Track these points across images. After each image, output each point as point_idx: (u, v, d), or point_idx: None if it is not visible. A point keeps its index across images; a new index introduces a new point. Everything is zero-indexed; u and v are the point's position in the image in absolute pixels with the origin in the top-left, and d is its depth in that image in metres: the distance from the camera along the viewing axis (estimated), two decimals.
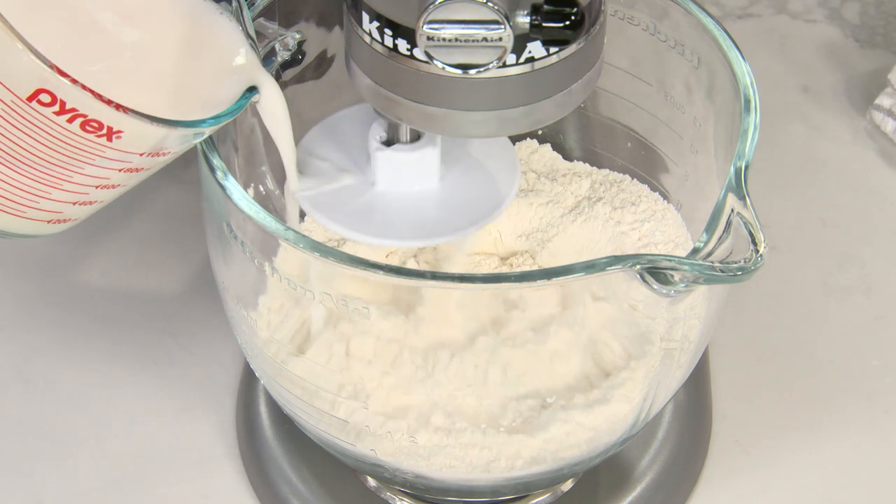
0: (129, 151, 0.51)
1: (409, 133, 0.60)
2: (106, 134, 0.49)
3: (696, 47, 0.62)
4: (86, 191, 0.52)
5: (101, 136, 0.49)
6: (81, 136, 0.49)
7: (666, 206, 0.69)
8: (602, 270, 0.52)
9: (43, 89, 0.48)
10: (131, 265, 0.80)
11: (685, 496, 0.70)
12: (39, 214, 0.53)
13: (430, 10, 0.51)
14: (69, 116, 0.49)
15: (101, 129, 0.49)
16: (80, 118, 0.49)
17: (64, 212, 0.53)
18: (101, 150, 0.50)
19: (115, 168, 0.51)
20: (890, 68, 0.86)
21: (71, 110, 0.48)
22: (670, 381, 0.62)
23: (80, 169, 0.51)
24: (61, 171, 0.51)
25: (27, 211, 0.52)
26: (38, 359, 0.76)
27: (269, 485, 0.69)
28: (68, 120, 0.49)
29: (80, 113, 0.49)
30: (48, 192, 0.52)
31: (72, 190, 0.52)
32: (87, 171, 0.51)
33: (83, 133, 0.49)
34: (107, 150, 0.50)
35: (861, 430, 0.72)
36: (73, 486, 0.70)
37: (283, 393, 0.62)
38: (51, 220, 0.53)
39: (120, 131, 0.49)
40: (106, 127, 0.49)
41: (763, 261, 0.52)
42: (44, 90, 0.48)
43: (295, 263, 0.56)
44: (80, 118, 0.49)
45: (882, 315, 0.77)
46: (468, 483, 0.62)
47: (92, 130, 0.49)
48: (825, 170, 0.85)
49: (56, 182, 0.51)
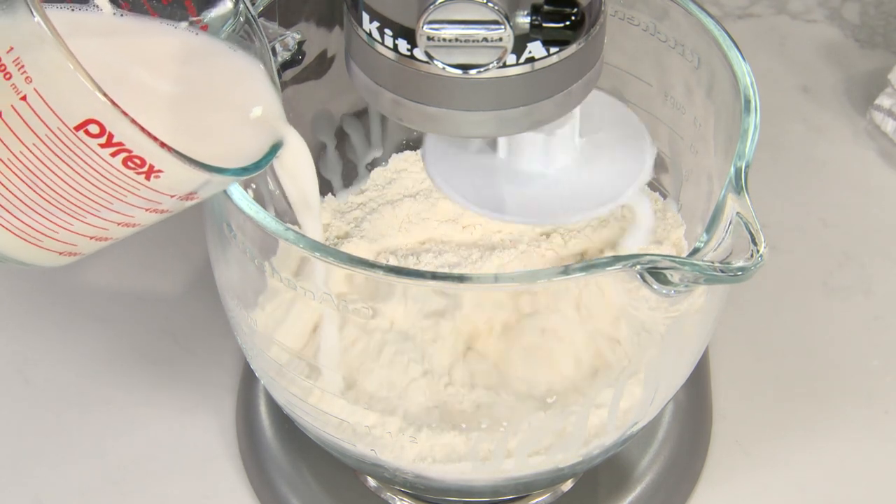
0: (162, 192, 0.51)
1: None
2: (146, 172, 0.49)
3: (696, 47, 0.62)
4: (107, 227, 0.52)
5: (140, 174, 0.49)
6: (121, 171, 0.49)
7: (666, 206, 0.69)
8: (602, 270, 0.52)
9: (93, 120, 0.48)
10: (131, 265, 0.80)
11: (685, 496, 0.70)
12: (55, 245, 0.53)
13: (431, 10, 0.51)
14: (114, 150, 0.48)
15: (143, 166, 0.49)
16: (124, 153, 0.49)
17: (78, 245, 0.53)
18: (137, 189, 0.50)
19: (143, 207, 0.51)
20: (890, 68, 0.86)
21: (117, 144, 0.48)
22: (670, 381, 0.62)
23: (110, 204, 0.51)
24: (90, 205, 0.51)
25: (44, 240, 0.52)
26: (38, 359, 0.76)
27: (269, 485, 0.69)
28: (112, 154, 0.49)
29: (125, 148, 0.48)
30: (71, 223, 0.51)
31: (95, 224, 0.52)
32: (115, 206, 0.51)
33: (124, 169, 0.49)
34: (141, 189, 0.50)
35: (861, 430, 0.72)
36: (73, 486, 0.70)
37: (283, 393, 0.62)
38: (63, 252, 0.53)
39: (160, 171, 0.49)
40: (148, 165, 0.49)
41: (763, 261, 0.52)
42: (94, 121, 0.48)
43: (294, 263, 0.56)
44: (125, 153, 0.49)
45: (882, 315, 0.77)
46: (468, 483, 0.62)
47: (133, 167, 0.49)
48: (825, 170, 0.85)
49: (82, 215, 0.51)
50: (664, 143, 0.67)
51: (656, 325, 0.59)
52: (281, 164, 0.56)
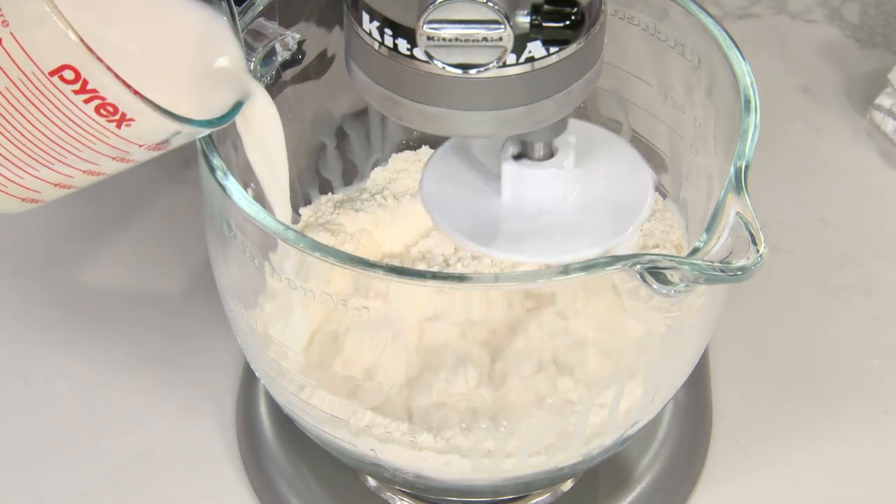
0: (131, 141, 0.51)
1: (543, 150, 0.60)
2: (118, 120, 0.50)
3: (696, 47, 0.62)
4: (73, 174, 0.52)
5: (111, 122, 0.50)
6: (93, 118, 0.49)
7: (666, 206, 0.69)
8: (602, 270, 0.52)
9: (69, 65, 0.48)
10: (131, 265, 0.80)
11: (685, 496, 0.70)
12: (19, 191, 0.53)
13: (431, 9, 0.51)
14: (87, 97, 0.49)
15: (115, 114, 0.49)
16: (97, 100, 0.49)
17: (42, 192, 0.53)
18: (106, 136, 0.50)
19: (110, 156, 0.51)
20: (890, 68, 0.86)
21: (91, 91, 0.49)
22: (670, 381, 0.62)
23: (79, 152, 0.51)
24: (59, 151, 0.51)
25: (9, 186, 0.52)
26: (39, 359, 0.75)
27: (269, 485, 0.69)
28: (85, 100, 0.49)
29: (99, 95, 0.49)
30: (37, 170, 0.52)
31: (61, 171, 0.52)
32: (84, 154, 0.51)
33: (96, 116, 0.49)
34: (111, 137, 0.50)
35: (861, 430, 0.72)
36: (73, 486, 0.70)
37: (282, 393, 0.62)
38: (25, 198, 0.53)
39: (132, 119, 0.50)
40: (120, 113, 0.49)
41: (763, 261, 0.52)
42: (69, 67, 0.48)
43: (294, 263, 0.56)
44: (98, 100, 0.49)
45: (882, 315, 0.77)
46: (468, 483, 0.62)
47: (105, 115, 0.49)
48: (825, 170, 0.85)
49: (49, 161, 0.51)
50: (664, 143, 0.67)
51: (656, 325, 0.59)
52: (245, 120, 0.56)
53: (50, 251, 0.80)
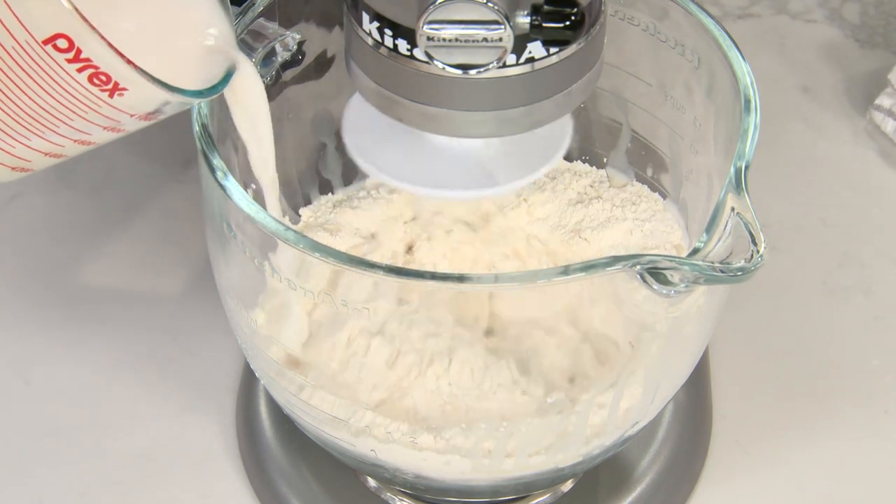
0: (122, 111, 0.51)
1: None
2: (111, 90, 0.49)
3: (696, 47, 0.62)
4: (63, 143, 0.52)
5: (104, 91, 0.50)
6: (86, 88, 0.49)
7: (666, 206, 0.69)
8: (602, 270, 0.52)
9: (62, 34, 0.48)
10: (131, 265, 0.80)
11: (685, 496, 0.70)
12: (9, 160, 0.53)
13: (431, 10, 0.51)
14: (80, 66, 0.49)
15: (108, 83, 0.49)
16: (90, 69, 0.49)
17: (32, 161, 0.53)
18: (98, 106, 0.50)
19: (101, 125, 0.51)
20: (890, 68, 0.86)
21: (84, 60, 0.48)
22: (670, 381, 0.63)
23: (70, 121, 0.51)
24: (51, 120, 0.51)
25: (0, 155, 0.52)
26: (39, 359, 0.76)
27: (269, 485, 0.69)
28: (78, 69, 0.49)
29: (92, 64, 0.49)
30: (29, 138, 0.51)
31: (52, 140, 0.52)
32: (76, 123, 0.51)
33: (88, 85, 0.49)
34: (103, 107, 0.50)
35: (861, 430, 0.72)
36: (73, 486, 0.70)
37: (282, 393, 0.62)
38: (15, 167, 0.53)
39: (125, 89, 0.50)
40: (113, 82, 0.49)
41: (763, 261, 0.52)
42: (63, 35, 0.48)
43: (294, 263, 0.56)
44: (91, 69, 0.49)
45: (882, 315, 0.77)
46: (468, 483, 0.62)
47: (98, 84, 0.49)
48: (825, 170, 0.85)
49: (41, 130, 0.51)
50: (664, 143, 0.67)
51: (656, 326, 0.59)
52: (233, 92, 0.56)
53: (50, 251, 0.80)
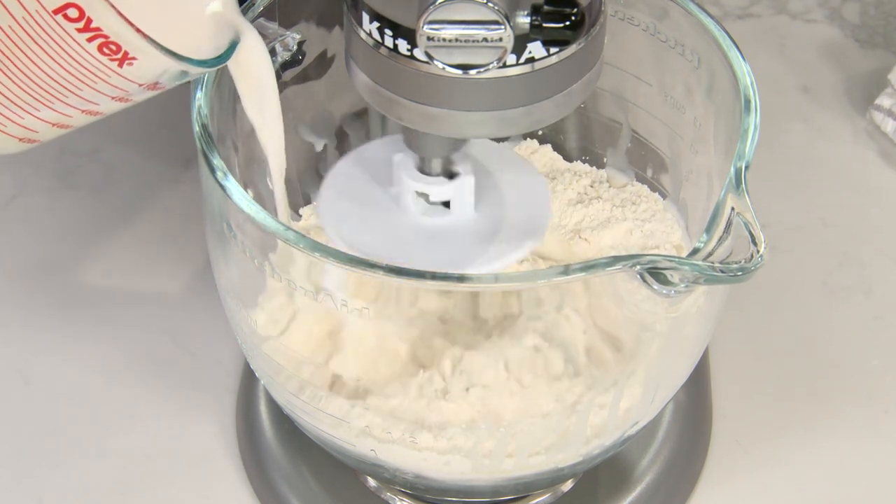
0: (131, 80, 0.51)
1: (441, 165, 0.60)
2: (120, 59, 0.50)
3: (696, 47, 0.62)
4: (71, 114, 0.52)
5: (114, 61, 0.50)
6: (95, 57, 0.49)
7: (666, 206, 0.69)
8: (602, 270, 0.52)
9: (73, 4, 0.48)
10: (131, 265, 0.80)
11: (685, 496, 0.70)
12: (18, 131, 0.53)
13: (431, 10, 0.51)
14: (91, 35, 0.49)
15: (118, 53, 0.49)
16: (100, 39, 0.49)
17: (40, 132, 0.53)
18: (108, 76, 0.50)
19: (109, 95, 0.52)
20: (890, 68, 0.86)
21: (95, 30, 0.48)
22: (670, 381, 0.62)
23: (80, 91, 0.51)
24: (61, 91, 0.51)
25: (8, 126, 0.52)
26: (38, 359, 0.76)
27: (269, 485, 0.69)
28: (88, 39, 0.49)
29: (103, 34, 0.49)
30: (38, 109, 0.52)
31: (60, 111, 0.52)
32: (84, 93, 0.51)
33: (98, 55, 0.49)
34: (112, 76, 0.50)
35: (861, 430, 0.72)
36: (73, 486, 0.70)
37: (282, 393, 0.62)
38: (23, 138, 0.53)
39: (134, 58, 0.50)
40: (123, 52, 0.49)
41: (763, 261, 0.52)
42: (73, 5, 0.48)
43: (294, 262, 0.56)
44: (101, 39, 0.49)
45: (882, 315, 0.77)
46: (468, 483, 0.62)
47: (108, 53, 0.49)
48: (825, 170, 0.85)
49: (50, 100, 0.51)
50: (664, 143, 0.67)
51: (656, 325, 0.59)
52: (238, 63, 0.56)
53: (50, 251, 0.80)
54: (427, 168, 0.61)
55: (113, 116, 0.55)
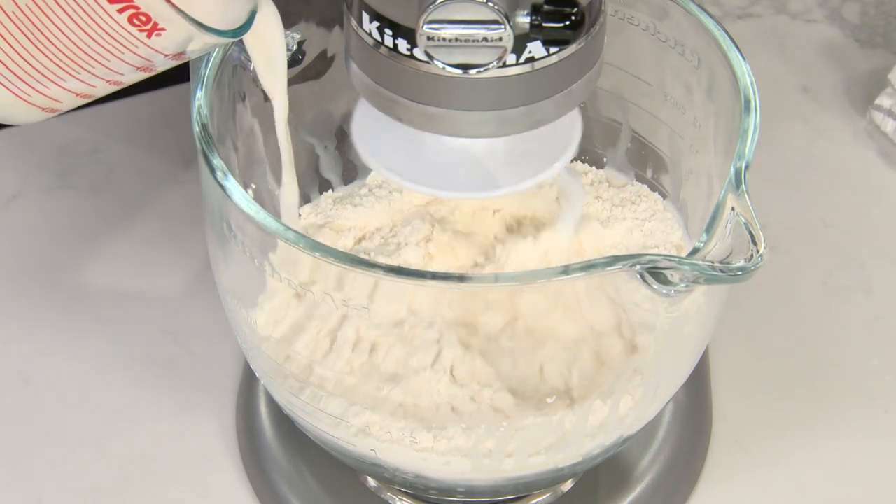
0: (157, 51, 0.51)
1: None
2: (149, 30, 0.50)
3: (696, 47, 0.62)
4: (96, 83, 0.53)
5: (142, 32, 0.50)
6: (125, 28, 0.50)
7: (666, 206, 0.69)
8: (602, 270, 0.52)
9: None
10: (131, 265, 0.80)
11: (685, 496, 0.70)
12: (42, 100, 0.53)
13: (431, 10, 0.51)
14: (122, 6, 0.49)
15: (147, 23, 0.50)
16: (131, 10, 0.49)
17: (63, 101, 0.54)
18: (136, 46, 0.51)
19: (135, 65, 0.52)
20: (890, 68, 0.86)
21: (126, 1, 0.49)
22: (670, 381, 0.62)
23: (107, 61, 0.51)
24: (88, 61, 0.51)
25: (33, 95, 0.53)
26: (38, 359, 0.75)
27: (269, 485, 0.69)
28: (119, 10, 0.49)
29: (133, 4, 0.49)
30: (64, 79, 0.52)
31: (86, 81, 0.52)
32: (111, 64, 0.52)
33: (128, 26, 0.50)
34: (140, 47, 0.51)
35: (861, 430, 0.72)
36: (73, 486, 0.70)
37: (283, 393, 0.62)
38: (46, 107, 0.54)
39: (163, 29, 0.50)
40: (152, 23, 0.50)
41: (763, 261, 0.52)
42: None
43: (294, 262, 0.56)
44: (132, 10, 0.49)
45: (882, 315, 0.77)
46: (468, 483, 0.62)
47: (137, 24, 0.50)
48: (825, 170, 0.85)
49: (77, 71, 0.52)
50: (664, 143, 0.67)
51: (656, 325, 0.59)
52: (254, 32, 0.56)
53: (50, 251, 0.80)
54: None
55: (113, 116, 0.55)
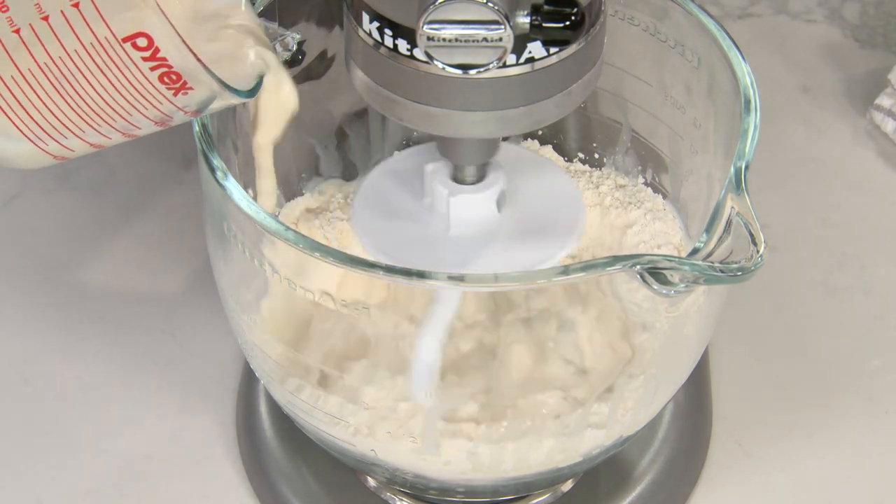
0: (179, 108, 0.52)
1: (475, 173, 0.61)
2: (177, 88, 0.50)
3: (696, 47, 0.62)
4: (113, 136, 0.53)
5: (170, 90, 0.51)
6: (154, 86, 0.50)
7: (666, 206, 0.69)
8: (602, 270, 0.52)
9: (143, 33, 0.49)
10: (131, 265, 0.80)
11: (685, 496, 0.70)
12: (57, 149, 0.53)
13: (431, 10, 0.51)
14: (155, 65, 0.50)
15: (177, 82, 0.50)
16: (163, 69, 0.50)
17: (76, 151, 0.54)
18: (161, 103, 0.51)
19: (155, 120, 0.52)
20: (890, 68, 0.86)
21: (160, 59, 0.49)
22: (670, 381, 0.63)
23: (129, 116, 0.52)
24: (112, 115, 0.51)
25: (50, 144, 0.53)
26: (38, 359, 0.76)
27: (269, 485, 0.69)
28: (152, 68, 0.50)
29: (166, 64, 0.50)
30: (84, 131, 0.52)
31: (105, 133, 0.52)
32: (133, 118, 0.52)
33: (158, 84, 0.50)
34: (165, 104, 0.51)
35: (861, 430, 0.72)
36: (73, 486, 0.70)
37: (282, 393, 0.62)
38: (58, 155, 0.54)
39: (191, 88, 0.51)
40: (182, 81, 0.50)
41: (763, 261, 0.52)
42: (144, 34, 0.49)
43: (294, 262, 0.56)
44: (164, 69, 0.50)
45: (882, 315, 0.77)
46: (468, 483, 0.62)
47: (167, 83, 0.50)
48: (825, 170, 0.85)
49: (98, 124, 0.52)
50: (664, 143, 0.67)
51: (656, 325, 0.59)
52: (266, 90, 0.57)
53: (50, 251, 0.80)
54: (461, 176, 0.61)
55: None
